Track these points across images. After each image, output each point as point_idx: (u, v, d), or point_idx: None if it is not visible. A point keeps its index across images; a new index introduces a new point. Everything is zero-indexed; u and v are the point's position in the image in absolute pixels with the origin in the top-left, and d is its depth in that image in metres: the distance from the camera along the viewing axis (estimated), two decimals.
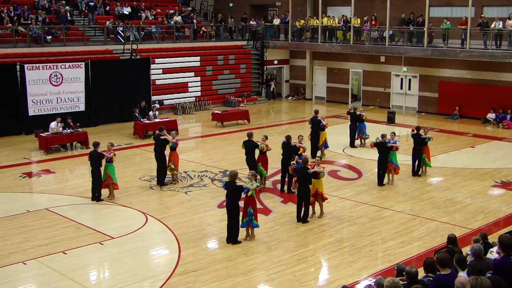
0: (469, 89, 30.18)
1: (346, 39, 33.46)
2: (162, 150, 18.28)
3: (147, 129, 25.34)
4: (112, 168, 16.88)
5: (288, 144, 17.57)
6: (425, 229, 14.70)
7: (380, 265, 12.63)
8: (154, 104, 28.52)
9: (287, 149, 17.58)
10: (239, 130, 26.93)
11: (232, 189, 13.46)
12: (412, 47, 30.44)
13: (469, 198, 17.27)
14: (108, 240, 13.92)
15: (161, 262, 13.04)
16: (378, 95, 34.04)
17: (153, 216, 15.60)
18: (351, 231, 14.63)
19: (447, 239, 10.51)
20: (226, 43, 35.99)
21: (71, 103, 26.86)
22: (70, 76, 26.73)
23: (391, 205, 16.57)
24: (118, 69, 28.86)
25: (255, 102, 35.09)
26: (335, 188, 18.03)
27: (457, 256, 8.63)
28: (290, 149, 17.49)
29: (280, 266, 12.46)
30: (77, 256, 13.03)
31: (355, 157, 22.20)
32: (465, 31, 28.43)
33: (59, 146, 23.17)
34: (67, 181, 19.54)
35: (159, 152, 18.25)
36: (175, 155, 18.39)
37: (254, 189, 13.55)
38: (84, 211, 16.25)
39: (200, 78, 33.43)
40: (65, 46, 28.94)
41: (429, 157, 19.50)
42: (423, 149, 19.28)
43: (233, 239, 13.68)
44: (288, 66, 38.64)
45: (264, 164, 17.88)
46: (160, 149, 18.26)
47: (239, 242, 13.71)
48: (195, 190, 17.96)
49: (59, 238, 14.04)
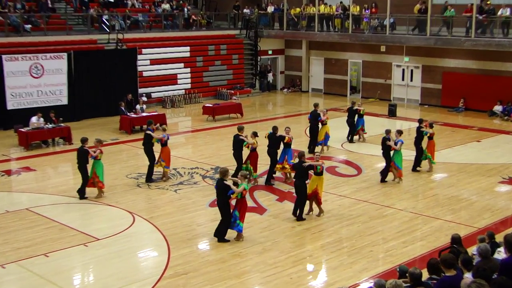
0: (475, 80, 30.23)
1: (344, 28, 33.43)
2: (149, 146, 18.28)
3: (133, 124, 25.30)
4: (99, 165, 16.84)
5: (274, 135, 18.05)
6: (429, 228, 14.72)
7: (381, 266, 12.64)
8: (141, 97, 28.47)
9: (273, 140, 18.04)
10: (232, 124, 26.87)
11: (220, 188, 13.54)
12: (415, 36, 30.45)
13: (475, 195, 17.31)
14: (93, 242, 13.87)
15: (150, 264, 13.01)
16: (378, 87, 34.06)
17: (141, 216, 15.56)
18: (350, 230, 14.64)
19: (452, 239, 10.53)
20: (218, 33, 35.95)
21: (52, 97, 26.75)
22: (52, 67, 26.61)
23: (392, 203, 16.59)
24: (103, 60, 28.75)
25: (248, 94, 35.09)
26: (334, 185, 18.04)
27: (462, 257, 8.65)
28: (276, 139, 17.98)
29: (275, 268, 12.45)
30: (60, 259, 12.97)
31: (354, 152, 22.22)
32: (470, 18, 28.44)
33: (40, 142, 23.10)
34: (49, 179, 19.47)
35: (146, 148, 18.30)
36: (165, 151, 18.36)
37: (240, 193, 13.48)
38: (68, 211, 16.20)
39: (190, 69, 33.37)
40: (46, 35, 28.80)
41: (432, 153, 19.43)
42: (427, 144, 19.27)
43: (220, 235, 13.76)
44: (283, 57, 38.63)
45: (253, 161, 17.86)
46: (147, 145, 18.29)
47: (226, 241, 13.74)
48: (185, 188, 17.94)
49: (40, 240, 13.98)
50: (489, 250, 8.74)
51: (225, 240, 13.75)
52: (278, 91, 37.97)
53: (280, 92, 37.84)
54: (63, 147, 23.02)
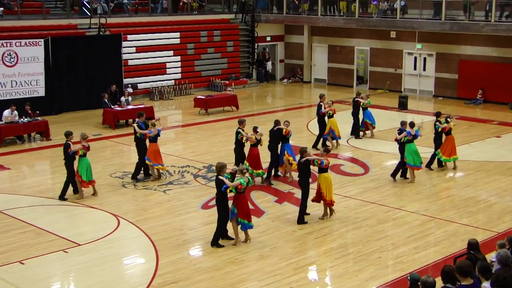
0: (494, 69, 30.29)
1: (350, 11, 33.48)
2: (138, 141, 18.45)
3: (118, 118, 25.30)
4: (82, 162, 16.83)
5: (272, 129, 18.40)
6: (443, 233, 14.76)
7: (390, 274, 12.68)
8: (126, 89, 28.47)
9: (273, 134, 18.33)
10: (226, 118, 26.93)
11: (216, 184, 13.71)
12: (428, 21, 30.49)
13: (494, 196, 17.35)
14: (73, 248, 13.87)
15: (136, 272, 13.03)
16: (388, 77, 34.11)
17: (126, 219, 15.58)
18: (356, 235, 14.68)
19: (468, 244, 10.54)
20: (211, 17, 35.92)
21: (28, 87, 26.72)
22: (27, 55, 26.58)
23: (403, 205, 16.63)
24: (84, 47, 28.74)
25: (244, 85, 35.12)
26: (339, 185, 18.07)
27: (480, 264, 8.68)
28: (275, 133, 18.25)
29: (274, 277, 12.48)
30: (37, 266, 12.99)
31: (361, 149, 22.26)
32: (490, 1, 28.48)
33: (14, 138, 23.09)
34: (24, 178, 19.48)
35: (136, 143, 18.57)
36: (150, 147, 18.38)
37: (235, 187, 13.54)
38: (45, 213, 16.21)
39: (180, 57, 33.38)
40: (20, 19, 28.76)
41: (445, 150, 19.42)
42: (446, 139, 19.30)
43: (213, 240, 13.86)
44: (283, 44, 38.65)
45: (250, 158, 17.85)
46: (136, 140, 18.49)
47: (221, 246, 13.81)
48: (175, 188, 17.97)
49: (15, 246, 13.98)
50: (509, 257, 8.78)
51: (219, 245, 13.80)
52: (277, 82, 37.99)
53: (280, 82, 37.87)
54: (40, 143, 23.02)
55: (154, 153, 18.37)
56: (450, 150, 19.40)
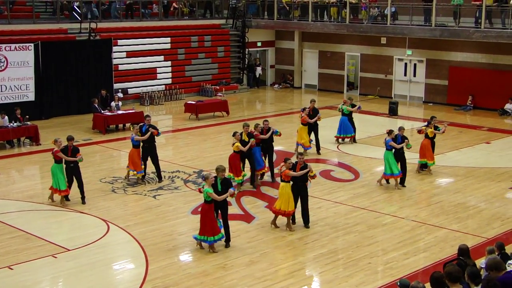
0: (484, 75, 30.41)
1: (341, 18, 33.54)
2: (149, 145, 18.56)
3: (108, 123, 25.25)
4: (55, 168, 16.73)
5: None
6: (433, 238, 14.80)
7: (380, 280, 12.71)
8: (116, 93, 28.38)
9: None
10: (217, 123, 26.93)
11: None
12: (418, 27, 30.59)
13: (484, 202, 17.41)
14: (62, 253, 13.84)
15: (126, 277, 13.01)
16: (378, 82, 34.20)
17: (116, 224, 15.55)
18: (346, 240, 14.70)
19: (458, 250, 10.60)
20: (201, 22, 35.93)
21: (18, 92, 26.64)
22: (17, 59, 26.51)
23: (393, 211, 16.67)
24: (74, 51, 28.69)
25: (235, 91, 35.11)
26: (328, 191, 18.10)
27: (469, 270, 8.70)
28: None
29: (264, 282, 12.49)
30: (25, 272, 12.94)
31: (351, 154, 22.30)
32: (480, 8, 28.62)
33: (4, 142, 23.00)
34: (13, 183, 19.42)
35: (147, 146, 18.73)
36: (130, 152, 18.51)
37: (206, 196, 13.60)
38: (34, 218, 16.16)
39: (171, 63, 33.35)
40: (9, 24, 28.65)
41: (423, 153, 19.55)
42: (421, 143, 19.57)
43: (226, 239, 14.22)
44: (274, 49, 38.67)
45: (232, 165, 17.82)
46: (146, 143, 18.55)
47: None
48: (165, 193, 17.94)
49: (4, 251, 13.94)
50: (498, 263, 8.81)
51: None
52: (267, 87, 38.01)
53: (270, 88, 37.88)
54: (30, 148, 22.94)
55: (133, 158, 18.43)
56: (424, 154, 19.54)
